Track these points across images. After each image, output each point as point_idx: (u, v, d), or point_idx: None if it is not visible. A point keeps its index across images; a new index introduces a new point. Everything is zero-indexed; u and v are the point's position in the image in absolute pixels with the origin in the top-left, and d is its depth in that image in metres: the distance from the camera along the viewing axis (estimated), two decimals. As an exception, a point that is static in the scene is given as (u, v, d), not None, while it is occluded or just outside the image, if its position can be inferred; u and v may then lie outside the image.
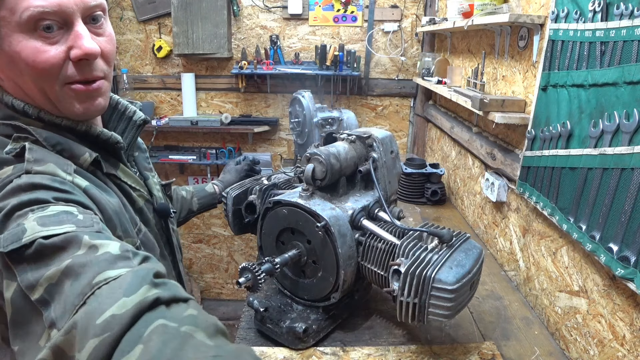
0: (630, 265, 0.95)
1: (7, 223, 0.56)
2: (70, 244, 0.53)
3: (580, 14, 1.18)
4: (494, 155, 1.77)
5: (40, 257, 0.52)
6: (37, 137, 0.69)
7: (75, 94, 0.71)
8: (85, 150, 0.74)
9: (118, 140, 0.80)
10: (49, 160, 0.65)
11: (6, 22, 0.63)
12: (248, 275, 0.98)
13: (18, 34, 0.64)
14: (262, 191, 1.28)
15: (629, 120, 0.98)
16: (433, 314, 0.93)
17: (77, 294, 0.47)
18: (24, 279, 0.51)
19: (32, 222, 0.54)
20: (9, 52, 0.65)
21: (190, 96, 3.10)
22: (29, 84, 0.69)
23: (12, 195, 0.59)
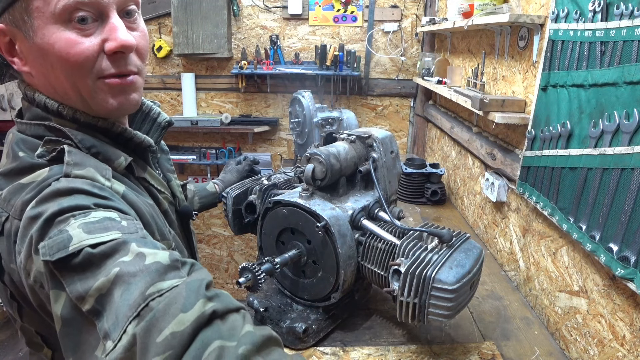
0: (630, 265, 0.95)
1: (48, 230, 0.54)
2: (118, 252, 0.52)
3: (580, 14, 1.18)
4: (494, 155, 1.77)
5: (88, 266, 0.51)
6: (73, 139, 0.66)
7: (109, 88, 0.68)
8: (120, 154, 0.72)
9: (150, 143, 0.78)
10: (88, 164, 0.63)
11: (40, 12, 0.61)
12: (248, 275, 0.98)
13: (52, 25, 0.62)
14: (262, 191, 1.28)
15: (629, 120, 0.98)
16: (433, 314, 0.93)
17: (129, 305, 0.47)
18: (73, 290, 0.50)
19: (77, 230, 0.52)
20: (42, 45, 0.63)
21: (190, 96, 3.10)
22: (61, 79, 0.66)
23: (52, 199, 0.56)
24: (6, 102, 2.62)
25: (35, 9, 0.61)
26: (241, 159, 1.59)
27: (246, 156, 1.62)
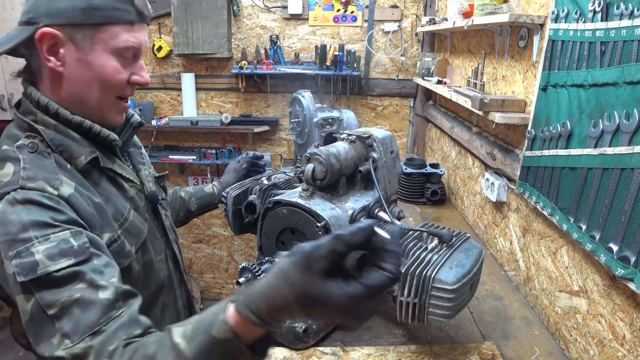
0: (630, 265, 0.95)
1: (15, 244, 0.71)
2: (76, 278, 0.71)
3: (580, 14, 1.18)
4: (494, 155, 1.77)
5: (53, 285, 0.70)
6: (45, 138, 0.83)
7: (120, 108, 0.92)
8: (82, 152, 0.86)
9: (115, 138, 0.92)
10: (39, 177, 0.77)
11: (103, 42, 0.82)
12: (248, 275, 0.98)
13: (107, 53, 0.83)
14: (262, 191, 1.28)
15: (629, 120, 0.98)
16: (433, 314, 0.93)
17: (88, 325, 0.68)
18: (42, 298, 0.69)
19: (41, 255, 0.70)
20: (93, 62, 0.83)
21: (190, 96, 3.10)
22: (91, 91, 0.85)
23: (12, 207, 0.73)
24: (6, 102, 2.62)
25: (99, 38, 0.82)
26: (239, 158, 1.57)
27: (246, 153, 1.58)
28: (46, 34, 0.79)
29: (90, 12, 0.80)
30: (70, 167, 0.84)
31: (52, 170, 0.80)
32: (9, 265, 0.70)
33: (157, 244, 1.03)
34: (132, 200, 0.96)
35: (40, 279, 0.69)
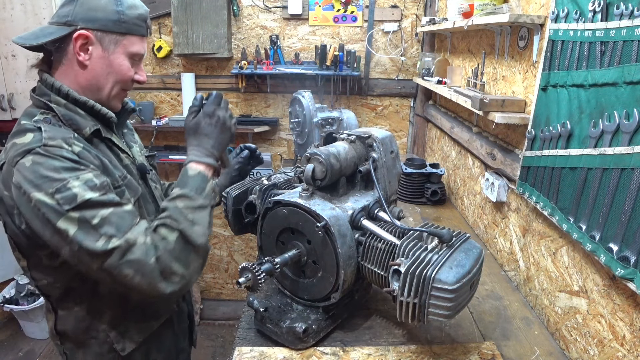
0: (630, 265, 0.95)
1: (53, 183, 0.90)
2: (106, 203, 0.93)
3: (580, 14, 1.18)
4: (494, 155, 1.77)
5: (91, 207, 0.91)
6: (57, 113, 1.03)
7: (121, 97, 1.16)
8: (87, 125, 1.06)
9: (112, 116, 1.13)
10: (58, 137, 0.97)
11: (124, 47, 1.08)
12: (248, 275, 0.98)
13: (123, 55, 1.09)
14: (262, 191, 1.28)
15: (629, 120, 0.98)
16: (433, 314, 0.93)
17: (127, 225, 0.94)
18: (84, 216, 0.90)
19: (77, 189, 0.90)
20: (113, 60, 1.07)
21: (190, 96, 3.09)
22: (108, 82, 1.09)
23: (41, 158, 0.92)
24: (6, 102, 2.62)
25: (122, 44, 1.07)
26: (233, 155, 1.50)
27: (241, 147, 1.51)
28: (82, 34, 1.02)
29: (119, 24, 1.05)
30: (77, 135, 1.03)
31: (66, 133, 1.00)
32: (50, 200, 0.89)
33: (149, 206, 1.21)
34: (126, 168, 1.16)
35: (80, 205, 0.90)
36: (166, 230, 0.96)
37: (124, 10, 1.05)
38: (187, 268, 0.97)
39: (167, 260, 0.93)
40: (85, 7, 1.02)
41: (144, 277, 0.92)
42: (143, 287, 0.92)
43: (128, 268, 0.90)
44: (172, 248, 0.95)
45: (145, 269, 0.91)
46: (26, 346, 3.19)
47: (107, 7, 1.04)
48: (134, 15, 1.07)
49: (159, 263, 0.92)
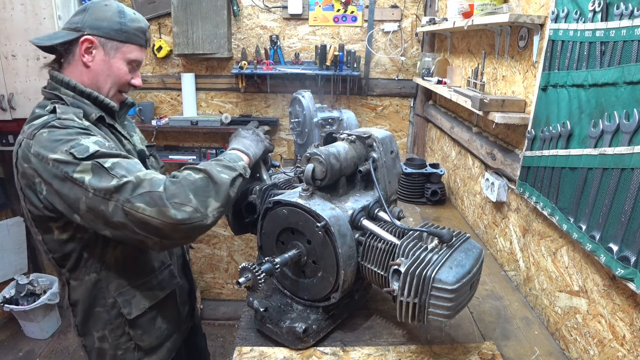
0: (630, 265, 0.95)
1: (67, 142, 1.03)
2: (115, 154, 1.05)
3: (580, 14, 1.18)
4: (494, 155, 1.77)
5: (102, 156, 1.03)
6: (67, 102, 1.19)
7: (119, 98, 1.32)
8: (93, 111, 1.21)
9: (113, 105, 1.28)
10: (69, 112, 1.14)
11: (123, 53, 1.24)
12: (248, 275, 0.98)
13: (122, 60, 1.25)
14: (262, 191, 1.28)
15: (629, 120, 0.98)
16: (433, 314, 0.93)
17: (137, 168, 1.04)
18: (98, 162, 1.01)
19: (89, 144, 1.04)
20: (112, 64, 1.24)
21: (190, 96, 3.10)
22: (106, 82, 1.25)
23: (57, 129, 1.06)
24: (6, 102, 2.62)
25: (121, 50, 1.24)
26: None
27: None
28: (87, 39, 1.19)
29: (120, 33, 1.22)
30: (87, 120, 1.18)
31: (77, 111, 1.16)
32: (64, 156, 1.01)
33: None
34: (128, 152, 1.27)
35: (93, 155, 1.02)
36: (192, 170, 1.06)
37: (126, 22, 1.22)
38: (203, 204, 1.01)
39: (182, 190, 0.99)
40: (93, 17, 1.20)
41: (154, 206, 0.97)
42: (154, 216, 0.97)
43: (139, 201, 0.97)
44: (194, 180, 1.02)
45: (154, 196, 0.97)
46: (26, 346, 3.19)
47: (112, 18, 1.21)
48: (134, 27, 1.24)
49: (167, 191, 0.98)
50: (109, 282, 1.22)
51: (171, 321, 1.39)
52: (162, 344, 1.37)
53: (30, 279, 3.32)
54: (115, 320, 1.25)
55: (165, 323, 1.36)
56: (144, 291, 1.28)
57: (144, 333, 1.30)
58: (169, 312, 1.38)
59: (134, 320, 1.26)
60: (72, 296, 1.24)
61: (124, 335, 1.27)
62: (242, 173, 1.12)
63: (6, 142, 2.92)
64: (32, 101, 2.62)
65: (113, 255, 1.21)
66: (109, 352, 1.27)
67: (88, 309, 1.24)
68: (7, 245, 3.31)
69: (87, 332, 1.27)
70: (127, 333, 1.27)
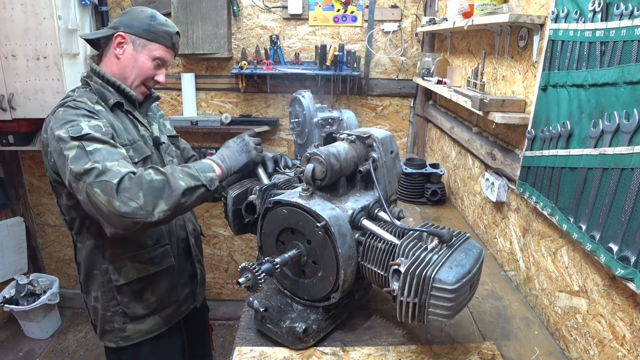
0: (630, 265, 0.95)
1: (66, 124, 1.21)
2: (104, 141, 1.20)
3: (580, 14, 1.18)
4: (494, 155, 1.77)
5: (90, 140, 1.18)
6: (92, 87, 1.40)
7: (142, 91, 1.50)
8: (112, 97, 1.40)
9: (133, 94, 1.46)
10: (85, 97, 1.34)
11: (149, 50, 1.43)
12: (248, 275, 0.98)
13: (147, 56, 1.44)
14: (262, 191, 1.28)
15: (629, 120, 0.98)
16: (433, 313, 0.93)
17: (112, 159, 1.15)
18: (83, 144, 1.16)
19: (84, 126, 1.20)
20: (139, 59, 1.43)
21: (190, 96, 3.09)
22: (132, 74, 1.44)
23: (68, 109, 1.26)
24: (6, 102, 2.62)
25: (147, 48, 1.43)
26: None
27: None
28: (120, 35, 1.41)
29: (149, 33, 1.42)
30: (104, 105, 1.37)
31: (92, 96, 1.36)
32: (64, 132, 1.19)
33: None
34: (142, 138, 1.46)
35: (83, 136, 1.18)
36: (155, 170, 1.16)
37: (155, 25, 1.43)
38: (151, 203, 1.11)
39: (134, 186, 1.10)
40: (128, 17, 1.43)
41: (106, 194, 1.09)
42: (104, 203, 1.09)
43: (97, 187, 1.09)
44: (150, 180, 1.12)
45: (108, 185, 1.09)
46: (26, 346, 3.19)
47: (144, 20, 1.42)
48: (161, 29, 1.44)
49: (121, 185, 1.10)
50: (104, 249, 1.39)
51: (162, 296, 1.51)
52: (150, 315, 1.50)
53: (30, 279, 3.32)
54: (107, 284, 1.42)
55: (154, 296, 1.49)
56: (134, 263, 1.42)
57: (130, 301, 1.44)
58: (161, 288, 1.51)
59: (121, 287, 1.42)
60: (77, 257, 1.46)
61: (113, 299, 1.43)
62: (205, 184, 1.21)
63: (6, 142, 2.91)
64: (32, 101, 2.62)
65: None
66: (100, 311, 1.45)
67: (87, 270, 1.43)
68: (7, 245, 3.31)
69: (87, 291, 1.47)
70: (115, 298, 1.43)
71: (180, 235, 1.59)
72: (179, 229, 1.59)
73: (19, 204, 3.43)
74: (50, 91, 2.59)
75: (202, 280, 1.73)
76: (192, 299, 1.67)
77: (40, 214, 3.55)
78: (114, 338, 1.47)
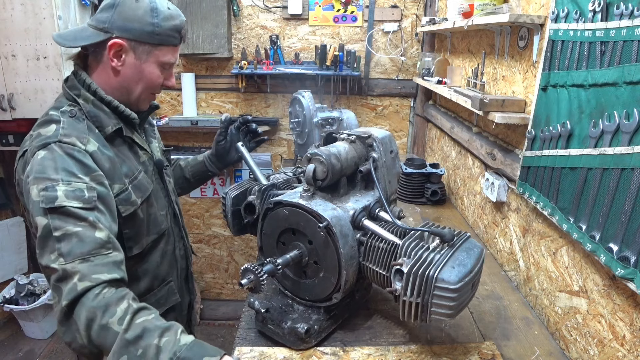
0: (630, 265, 0.95)
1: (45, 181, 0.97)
2: (81, 218, 0.96)
3: (580, 14, 1.19)
4: (494, 155, 1.77)
5: (63, 215, 0.95)
6: (83, 108, 1.11)
7: (150, 100, 1.25)
8: (109, 123, 1.14)
9: (135, 117, 1.21)
10: (73, 135, 1.05)
11: (156, 57, 1.14)
12: (250, 277, 0.98)
13: (154, 64, 1.16)
14: (261, 192, 1.28)
15: (629, 120, 0.98)
16: (436, 313, 0.94)
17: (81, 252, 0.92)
18: (53, 222, 0.93)
19: (61, 193, 0.95)
20: (145, 70, 1.15)
21: (190, 96, 3.10)
22: (137, 87, 1.17)
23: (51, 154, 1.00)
24: (6, 102, 2.61)
25: (154, 54, 1.14)
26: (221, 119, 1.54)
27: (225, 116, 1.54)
28: (116, 43, 1.09)
29: (153, 36, 1.11)
30: (98, 132, 1.11)
31: (83, 131, 1.08)
32: (36, 195, 0.96)
33: (160, 201, 1.29)
34: (143, 165, 1.24)
35: (56, 209, 0.94)
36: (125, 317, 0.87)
37: (159, 22, 1.11)
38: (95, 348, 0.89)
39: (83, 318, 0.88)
40: (122, 16, 1.08)
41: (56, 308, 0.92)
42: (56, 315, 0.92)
43: (54, 291, 0.93)
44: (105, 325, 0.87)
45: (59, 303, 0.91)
46: (26, 346, 3.19)
47: (144, 18, 1.09)
48: (168, 27, 1.13)
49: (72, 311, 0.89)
50: None
51: None
52: None
53: (30, 279, 3.32)
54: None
55: None
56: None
57: None
58: None
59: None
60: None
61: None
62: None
63: (6, 142, 2.91)
64: (32, 101, 2.61)
65: None
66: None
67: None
68: (7, 245, 3.31)
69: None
70: None
71: (181, 265, 1.43)
72: (181, 259, 1.41)
73: (19, 204, 3.42)
74: (50, 91, 2.59)
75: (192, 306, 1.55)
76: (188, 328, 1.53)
77: (40, 214, 3.54)
78: None
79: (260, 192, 1.28)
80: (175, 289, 1.37)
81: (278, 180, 1.38)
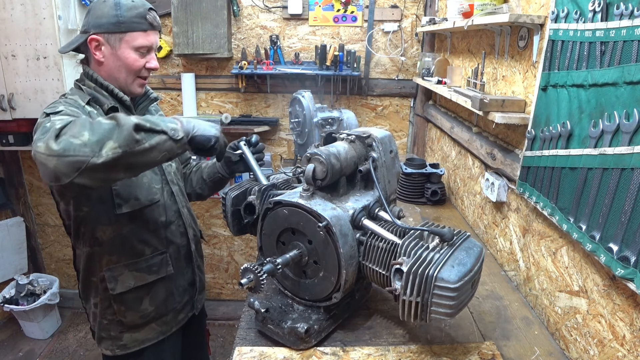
0: (630, 265, 0.95)
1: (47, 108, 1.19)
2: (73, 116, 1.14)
3: (580, 14, 1.19)
4: (494, 155, 1.77)
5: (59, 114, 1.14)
6: (85, 91, 1.35)
7: (139, 83, 1.40)
8: (106, 102, 1.34)
9: (126, 99, 1.38)
10: (75, 95, 1.33)
11: (127, 43, 1.31)
12: (250, 276, 0.98)
13: (128, 50, 1.32)
14: (261, 192, 1.28)
15: (629, 120, 0.98)
16: (436, 312, 0.94)
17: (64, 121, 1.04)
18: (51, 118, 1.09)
19: (62, 107, 1.19)
20: (120, 55, 1.32)
21: (190, 96, 3.09)
22: (121, 73, 1.35)
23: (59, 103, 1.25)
24: (6, 102, 2.61)
25: (124, 41, 1.31)
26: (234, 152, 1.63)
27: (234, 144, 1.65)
28: (93, 39, 1.30)
29: (118, 25, 1.29)
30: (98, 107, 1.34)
31: (84, 98, 1.33)
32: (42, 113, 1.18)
33: (153, 175, 1.43)
34: None
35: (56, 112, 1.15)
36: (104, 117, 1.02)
37: (122, 13, 1.28)
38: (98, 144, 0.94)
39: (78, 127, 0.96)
40: (93, 16, 1.30)
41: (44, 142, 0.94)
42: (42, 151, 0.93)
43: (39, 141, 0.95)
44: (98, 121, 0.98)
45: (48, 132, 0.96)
46: (26, 346, 3.19)
47: (109, 12, 1.28)
48: (131, 15, 1.29)
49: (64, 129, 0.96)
50: (101, 257, 1.37)
51: (160, 305, 1.48)
52: (147, 324, 1.46)
53: (30, 279, 3.32)
54: (103, 292, 1.39)
55: (152, 305, 1.45)
56: (132, 271, 1.39)
57: (127, 310, 1.41)
58: (159, 297, 1.47)
59: (118, 296, 1.39)
60: (76, 263, 1.45)
61: (110, 307, 1.41)
62: (165, 130, 1.03)
63: (6, 142, 2.91)
64: (32, 101, 2.61)
65: (104, 234, 1.35)
66: (97, 319, 1.44)
67: (85, 277, 1.42)
68: (7, 245, 3.31)
69: (86, 298, 1.47)
70: (112, 306, 1.40)
71: (181, 242, 1.52)
72: (180, 235, 1.53)
73: (19, 204, 3.43)
74: (50, 91, 2.59)
75: (202, 287, 1.68)
76: (191, 307, 1.63)
77: (40, 214, 3.55)
78: (111, 346, 1.45)
79: (260, 192, 1.29)
80: (169, 261, 1.47)
81: (278, 180, 1.38)
